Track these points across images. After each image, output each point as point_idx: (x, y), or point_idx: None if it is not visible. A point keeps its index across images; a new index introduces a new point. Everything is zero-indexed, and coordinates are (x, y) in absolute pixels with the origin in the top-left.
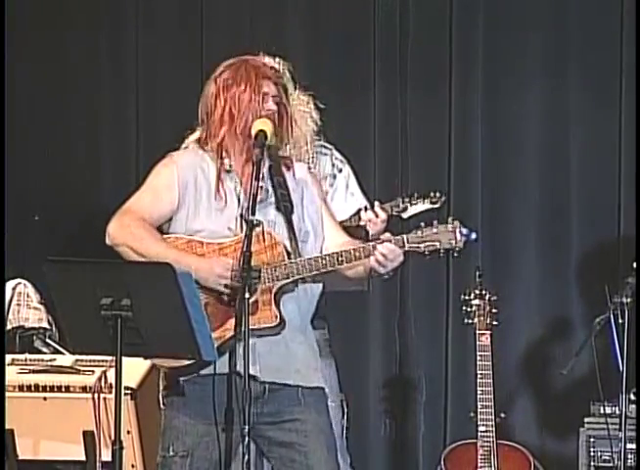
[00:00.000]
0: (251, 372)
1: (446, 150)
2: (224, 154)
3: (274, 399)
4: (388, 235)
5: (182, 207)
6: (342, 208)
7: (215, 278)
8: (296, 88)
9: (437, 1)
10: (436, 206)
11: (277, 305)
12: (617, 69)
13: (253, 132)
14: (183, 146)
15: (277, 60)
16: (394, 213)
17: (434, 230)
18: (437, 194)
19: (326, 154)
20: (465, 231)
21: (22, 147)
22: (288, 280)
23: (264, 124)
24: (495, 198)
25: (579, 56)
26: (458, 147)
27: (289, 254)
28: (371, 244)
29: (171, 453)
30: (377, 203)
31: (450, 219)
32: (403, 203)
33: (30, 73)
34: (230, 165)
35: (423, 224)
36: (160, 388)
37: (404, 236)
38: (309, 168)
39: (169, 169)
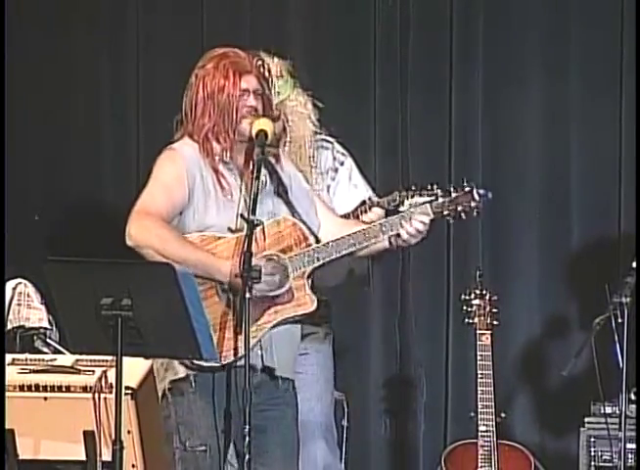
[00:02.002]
0: (270, 364)
1: (447, 150)
2: (217, 148)
3: (265, 389)
4: (411, 204)
5: (191, 201)
6: (345, 200)
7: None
8: (295, 87)
9: (438, 1)
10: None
11: (312, 288)
12: (618, 68)
13: (254, 132)
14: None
15: (275, 60)
16: (391, 208)
17: (453, 196)
18: (435, 186)
19: (327, 148)
20: (482, 191)
21: (23, 147)
22: (318, 263)
23: (265, 124)
24: (495, 197)
25: (579, 56)
26: (458, 147)
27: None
28: (398, 217)
29: (189, 448)
30: (374, 198)
31: (465, 182)
32: (400, 197)
33: (30, 73)
34: (229, 157)
35: (439, 192)
36: (166, 383)
37: (427, 206)
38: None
39: (178, 164)
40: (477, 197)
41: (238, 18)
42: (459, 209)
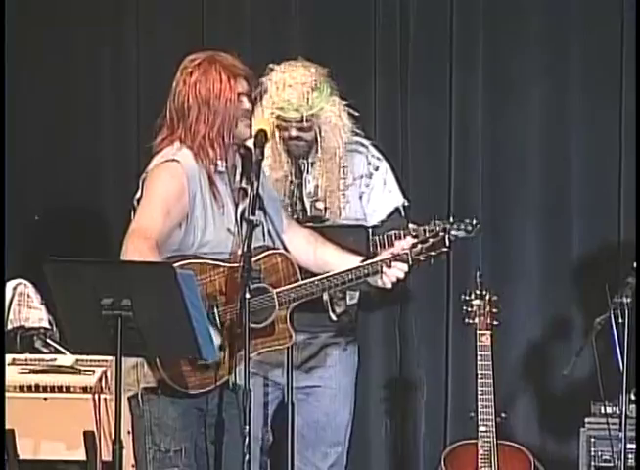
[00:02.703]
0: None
1: (447, 150)
2: (212, 155)
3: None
4: (393, 251)
5: (192, 218)
6: (379, 206)
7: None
8: (331, 96)
9: (438, 1)
10: (471, 235)
11: (292, 323)
12: (618, 70)
13: (254, 132)
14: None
15: (312, 70)
16: (429, 237)
17: (430, 242)
18: (474, 222)
19: (361, 152)
20: (453, 238)
21: (23, 147)
22: (302, 300)
23: (265, 124)
24: (496, 198)
25: (580, 56)
26: (459, 147)
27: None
28: (380, 262)
29: (163, 449)
30: (412, 226)
31: (439, 228)
32: (438, 228)
33: (30, 73)
34: (224, 167)
35: (415, 240)
36: (140, 387)
37: (408, 254)
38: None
39: (179, 181)
40: (447, 243)
41: (238, 18)
42: (432, 254)
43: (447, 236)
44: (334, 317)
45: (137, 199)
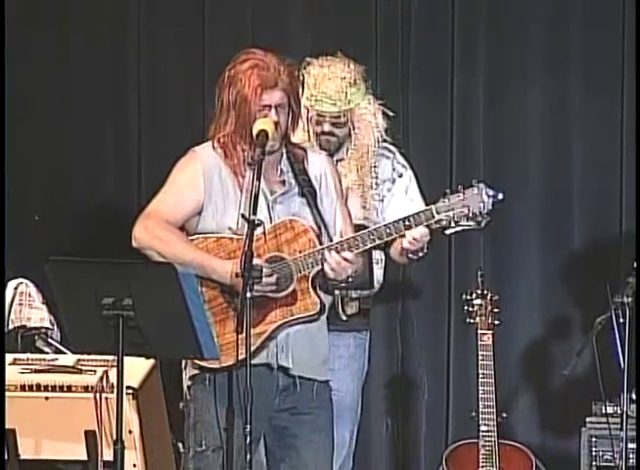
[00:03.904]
0: (284, 364)
1: (448, 149)
2: (232, 149)
3: (297, 391)
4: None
5: (209, 203)
6: (399, 213)
7: (240, 283)
8: (367, 95)
9: (440, 0)
10: (481, 227)
11: (316, 291)
12: (619, 68)
13: (255, 132)
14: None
15: (352, 66)
16: (437, 227)
17: (461, 196)
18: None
19: (388, 157)
20: (491, 192)
21: (23, 147)
22: (320, 266)
23: (266, 124)
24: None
25: (581, 55)
26: (459, 146)
27: (319, 238)
28: (402, 220)
29: (204, 447)
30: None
31: (475, 182)
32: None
33: (31, 73)
34: (251, 157)
35: (448, 191)
36: (185, 379)
37: (433, 207)
38: (330, 157)
39: (193, 167)
40: (485, 198)
41: (239, 18)
42: (465, 212)
43: (484, 191)
44: (344, 317)
45: None
